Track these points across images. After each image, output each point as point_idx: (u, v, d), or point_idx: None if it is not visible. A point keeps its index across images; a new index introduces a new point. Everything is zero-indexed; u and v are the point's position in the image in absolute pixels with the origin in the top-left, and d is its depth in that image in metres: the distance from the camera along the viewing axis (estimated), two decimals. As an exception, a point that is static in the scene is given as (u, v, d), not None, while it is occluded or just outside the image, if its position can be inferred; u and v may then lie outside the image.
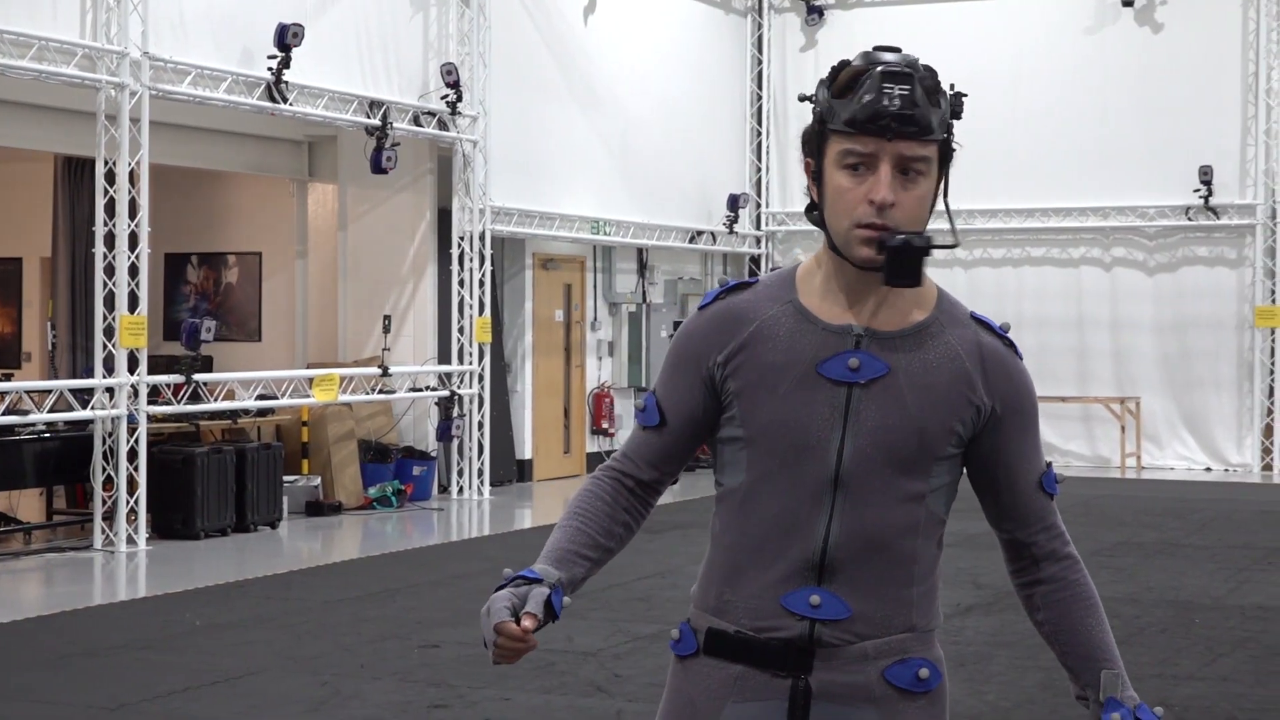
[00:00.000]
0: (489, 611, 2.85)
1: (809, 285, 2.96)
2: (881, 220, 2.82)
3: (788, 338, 2.92)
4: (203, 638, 10.09)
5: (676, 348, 3.03)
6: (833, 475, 2.88)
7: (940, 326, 2.95)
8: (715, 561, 3.00)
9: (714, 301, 3.00)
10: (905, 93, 2.82)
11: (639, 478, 3.07)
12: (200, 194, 20.05)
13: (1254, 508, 17.36)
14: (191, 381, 14.60)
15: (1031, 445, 3.05)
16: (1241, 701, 8.35)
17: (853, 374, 2.88)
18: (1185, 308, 21.97)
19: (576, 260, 21.12)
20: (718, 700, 2.95)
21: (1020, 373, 3.01)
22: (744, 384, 2.93)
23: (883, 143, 2.81)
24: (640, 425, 3.07)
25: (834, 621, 2.89)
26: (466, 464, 18.09)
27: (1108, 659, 3.05)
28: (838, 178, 2.85)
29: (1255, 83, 21.56)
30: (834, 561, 2.89)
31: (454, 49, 17.68)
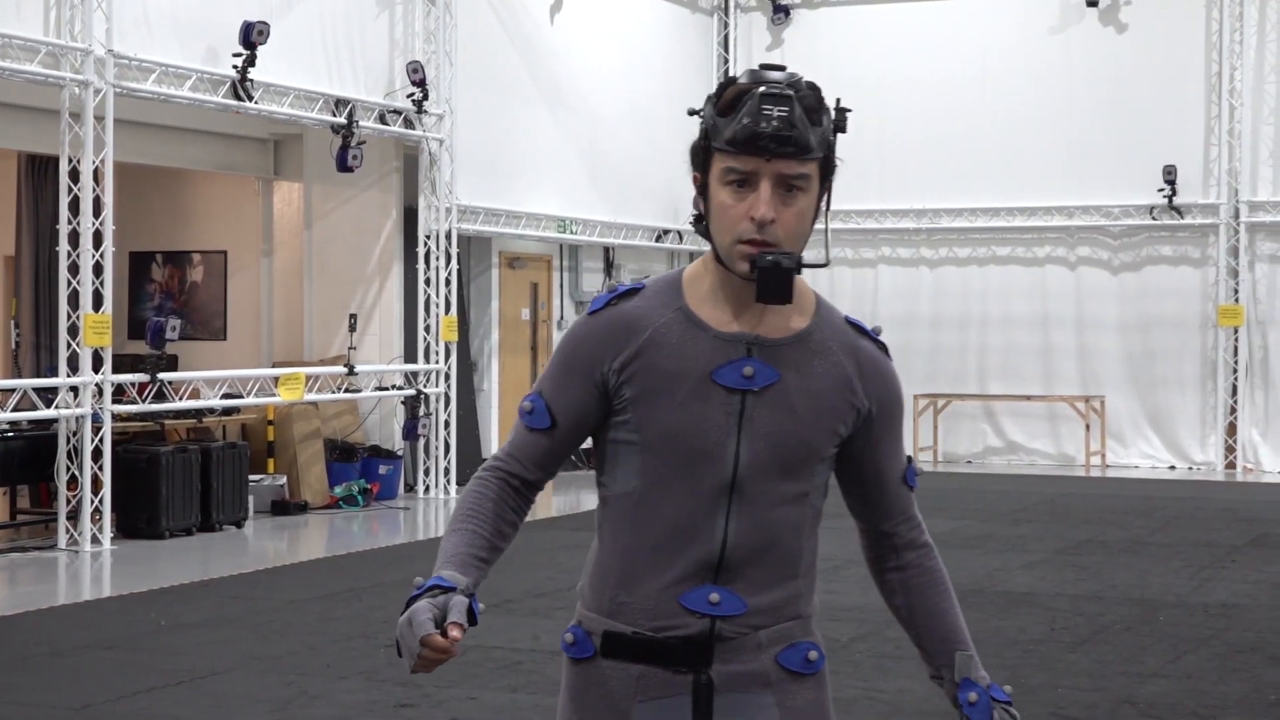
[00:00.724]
0: (411, 623, 2.86)
1: (696, 292, 3.05)
2: (762, 236, 2.92)
3: (680, 345, 3.00)
4: (168, 637, 10.06)
5: (567, 351, 3.08)
6: (729, 480, 2.99)
7: (821, 332, 3.07)
8: (607, 564, 3.07)
9: (605, 307, 3.06)
10: (784, 114, 2.91)
11: (525, 478, 3.13)
12: (165, 192, 19.98)
13: (1218, 506, 17.44)
14: (156, 380, 14.55)
15: (897, 443, 3.18)
16: (1205, 698, 8.40)
17: (747, 382, 2.99)
18: (1149, 307, 22.06)
19: (543, 259, 21.11)
20: (623, 702, 3.04)
21: (893, 375, 3.15)
22: (639, 391, 3.00)
23: (762, 162, 2.91)
24: (526, 426, 3.12)
25: (732, 617, 3.01)
26: (433, 463, 18.07)
27: (961, 641, 3.19)
28: (721, 194, 2.96)
29: (1219, 83, 21.66)
30: (731, 561, 3.00)
31: (420, 47, 17.66)
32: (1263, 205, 21.53)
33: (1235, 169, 21.61)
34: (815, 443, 3.04)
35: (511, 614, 10.71)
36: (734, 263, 2.96)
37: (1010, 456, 22.71)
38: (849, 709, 8.12)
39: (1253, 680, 8.85)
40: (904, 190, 22.91)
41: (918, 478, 3.25)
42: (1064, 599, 11.41)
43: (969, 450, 22.79)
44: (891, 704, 8.22)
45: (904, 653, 9.47)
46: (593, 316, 3.07)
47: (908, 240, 23.12)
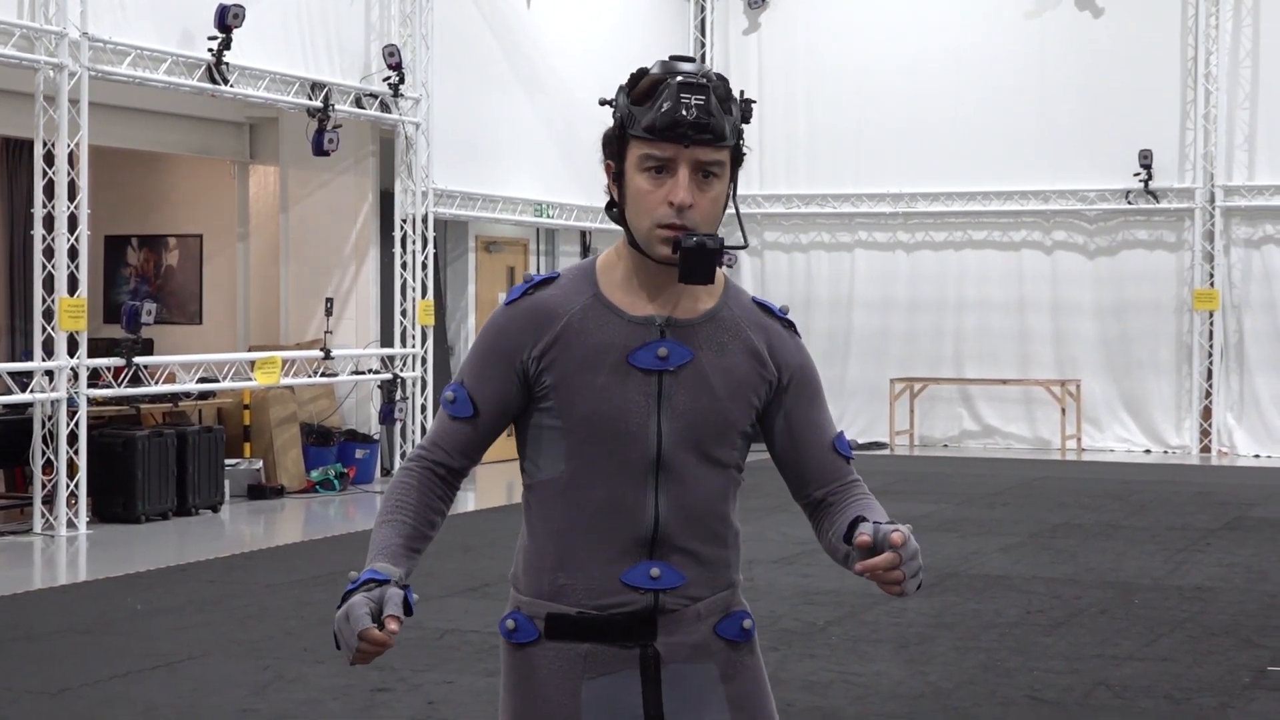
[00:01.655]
0: (349, 617, 2.93)
1: (609, 279, 3.16)
2: (680, 220, 3.02)
3: (596, 330, 3.11)
4: (144, 622, 10.04)
5: (486, 341, 3.17)
6: (654, 458, 3.10)
7: (729, 310, 3.18)
8: (541, 549, 3.15)
9: (522, 297, 3.15)
10: (701, 102, 3.00)
11: (450, 466, 3.21)
12: (140, 176, 19.93)
13: (1193, 489, 17.50)
14: (132, 364, 14.51)
15: (820, 413, 3.28)
16: (1180, 681, 8.43)
17: (662, 362, 3.10)
18: (1125, 291, 22.12)
19: (520, 243, 21.09)
20: (571, 680, 3.13)
21: (801, 349, 3.26)
22: (559, 377, 3.10)
23: (680, 148, 3.01)
24: (449, 416, 3.19)
25: (673, 589, 3.12)
26: (409, 447, 18.05)
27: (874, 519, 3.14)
28: (638, 180, 3.06)
29: (1194, 67, 21.70)
30: (665, 536, 3.11)
31: (396, 30, 17.62)
32: (1238, 190, 21.58)
33: (1211, 153, 21.65)
34: (732, 416, 3.15)
35: (488, 598, 10.71)
36: (652, 246, 3.06)
37: (986, 440, 22.76)
38: (825, 692, 8.14)
39: (1227, 663, 8.89)
40: (880, 174, 22.94)
41: (850, 447, 3.33)
42: (1040, 582, 11.45)
43: (945, 434, 22.83)
44: (867, 686, 8.24)
45: (880, 636, 9.50)
46: (510, 306, 3.16)
47: (884, 224, 23.14)
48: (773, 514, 14.16)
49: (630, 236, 3.12)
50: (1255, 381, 21.58)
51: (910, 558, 2.98)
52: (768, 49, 23.61)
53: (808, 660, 8.84)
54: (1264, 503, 16.32)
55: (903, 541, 2.96)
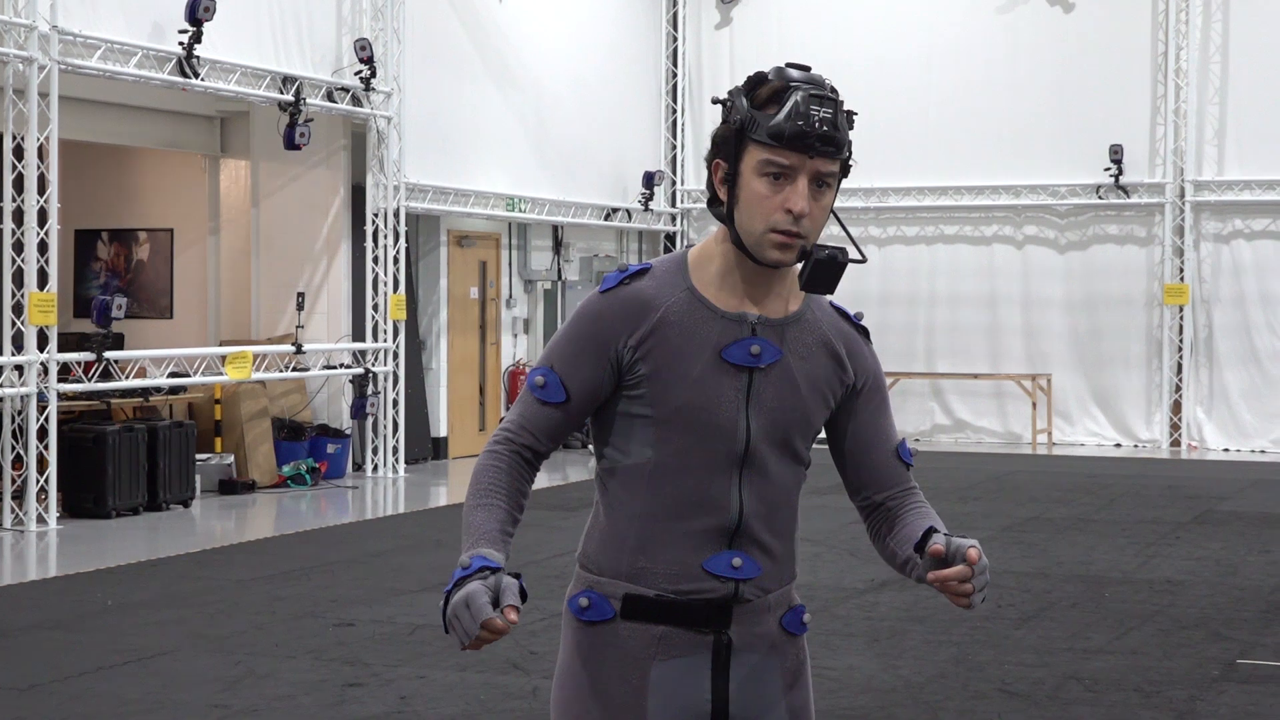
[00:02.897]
0: (469, 605, 2.95)
1: (703, 274, 3.20)
2: (796, 228, 3.09)
3: (691, 324, 3.16)
4: (115, 617, 10.02)
5: (581, 328, 3.19)
6: (742, 452, 3.17)
7: (813, 314, 3.28)
8: (621, 530, 3.20)
9: (618, 286, 3.19)
10: (829, 115, 3.09)
11: (538, 450, 3.23)
12: (111, 170, 19.85)
13: (1163, 483, 17.57)
14: (102, 359, 14.47)
15: (887, 420, 3.37)
16: (1150, 674, 8.47)
17: (754, 359, 3.17)
18: (1096, 285, 22.19)
19: (492, 237, 21.07)
20: (643, 661, 3.18)
21: (874, 356, 3.36)
22: (654, 367, 3.15)
23: (804, 158, 3.08)
24: (539, 400, 3.21)
25: (751, 580, 3.20)
26: (381, 442, 18.03)
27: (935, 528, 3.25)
28: (756, 184, 3.10)
29: (1165, 63, 21.77)
30: (746, 527, 3.19)
31: (368, 24, 17.58)
32: (1208, 185, 21.67)
33: (1181, 149, 21.74)
34: (812, 415, 3.25)
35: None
36: (763, 250, 3.12)
37: (957, 434, 22.82)
38: (797, 686, 8.14)
39: (1196, 656, 8.93)
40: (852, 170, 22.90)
41: (913, 456, 3.40)
42: (1011, 576, 11.48)
43: (917, 428, 22.88)
44: (839, 680, 8.26)
45: (852, 630, 9.51)
46: (605, 295, 3.19)
47: (856, 219, 23.17)
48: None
49: (734, 235, 3.16)
50: (1224, 376, 21.67)
51: (981, 573, 3.11)
52: (739, 44, 23.62)
53: (780, 654, 8.83)
54: (1233, 496, 16.39)
55: (978, 558, 3.08)
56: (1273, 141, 21.29)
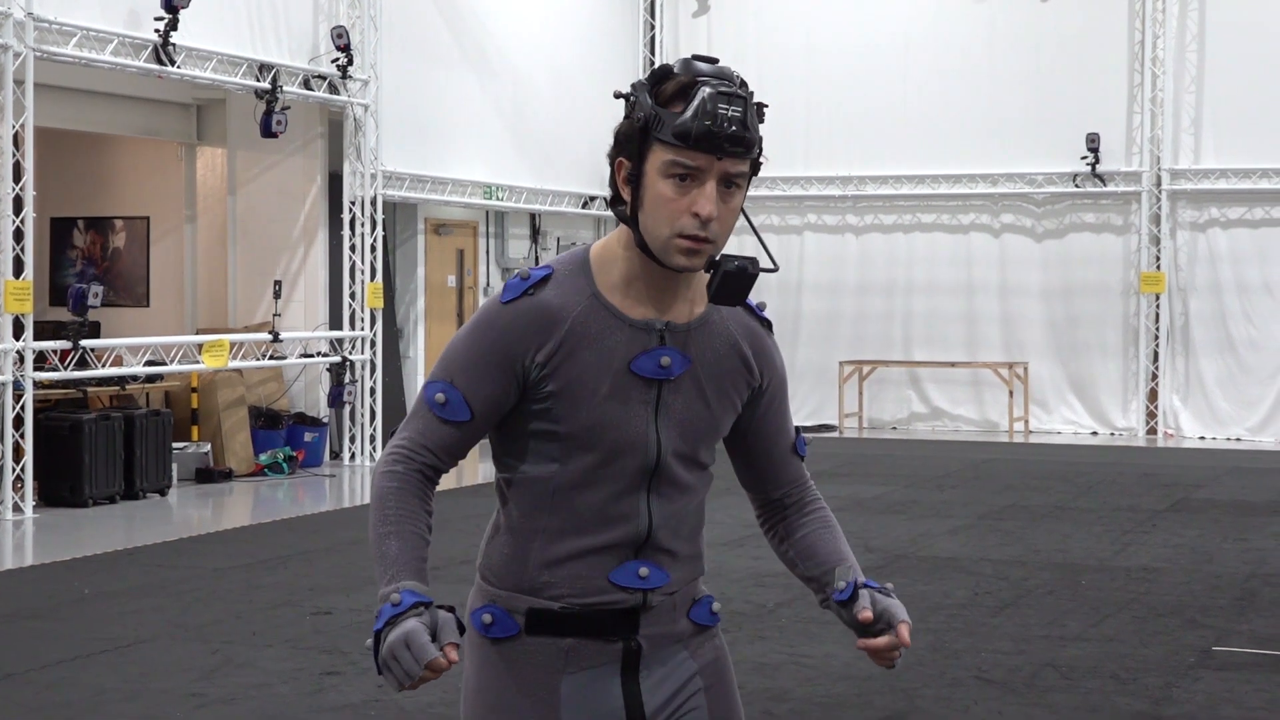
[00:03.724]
0: (408, 645, 2.86)
1: (606, 277, 3.06)
2: (704, 233, 2.94)
3: (599, 335, 3.02)
4: (91, 606, 10.00)
5: (483, 340, 3.03)
6: (653, 466, 3.08)
7: (719, 315, 3.15)
8: (522, 544, 3.09)
9: (521, 297, 3.02)
10: (738, 114, 2.92)
11: (439, 468, 3.10)
12: (87, 157, 19.79)
13: (1139, 471, 17.62)
14: (79, 347, 14.42)
15: (785, 416, 3.30)
16: (1126, 661, 8.50)
17: (664, 371, 3.06)
18: (1072, 274, 22.24)
19: (469, 225, 21.05)
20: (551, 675, 3.10)
21: (777, 351, 3.27)
22: (563, 384, 3.01)
23: (712, 159, 2.92)
24: (439, 418, 3.06)
25: (658, 588, 3.12)
26: (358, 430, 18.02)
27: (841, 559, 3.27)
28: (661, 186, 2.95)
29: (1141, 51, 21.81)
30: (655, 538, 3.11)
31: (344, 12, 17.54)
32: (1184, 173, 21.71)
33: (1158, 137, 21.78)
34: (720, 422, 3.17)
35: (437, 581, 10.66)
36: (669, 255, 2.97)
37: (935, 422, 22.85)
38: (775, 673, 8.17)
39: (1172, 643, 8.96)
40: (829, 157, 22.98)
41: (807, 446, 3.35)
42: (987, 564, 11.51)
43: (894, 416, 22.92)
44: (817, 668, 8.28)
45: (829, 618, 9.51)
46: (508, 306, 3.03)
47: (833, 207, 23.19)
48: (722, 496, 14.14)
49: (639, 238, 3.01)
50: (1200, 364, 21.73)
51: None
52: (717, 32, 23.60)
53: (757, 642, 8.87)
54: (1209, 484, 16.45)
55: (909, 640, 3.13)
56: (1249, 130, 21.34)
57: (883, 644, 3.11)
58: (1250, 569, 11.40)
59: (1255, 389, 21.47)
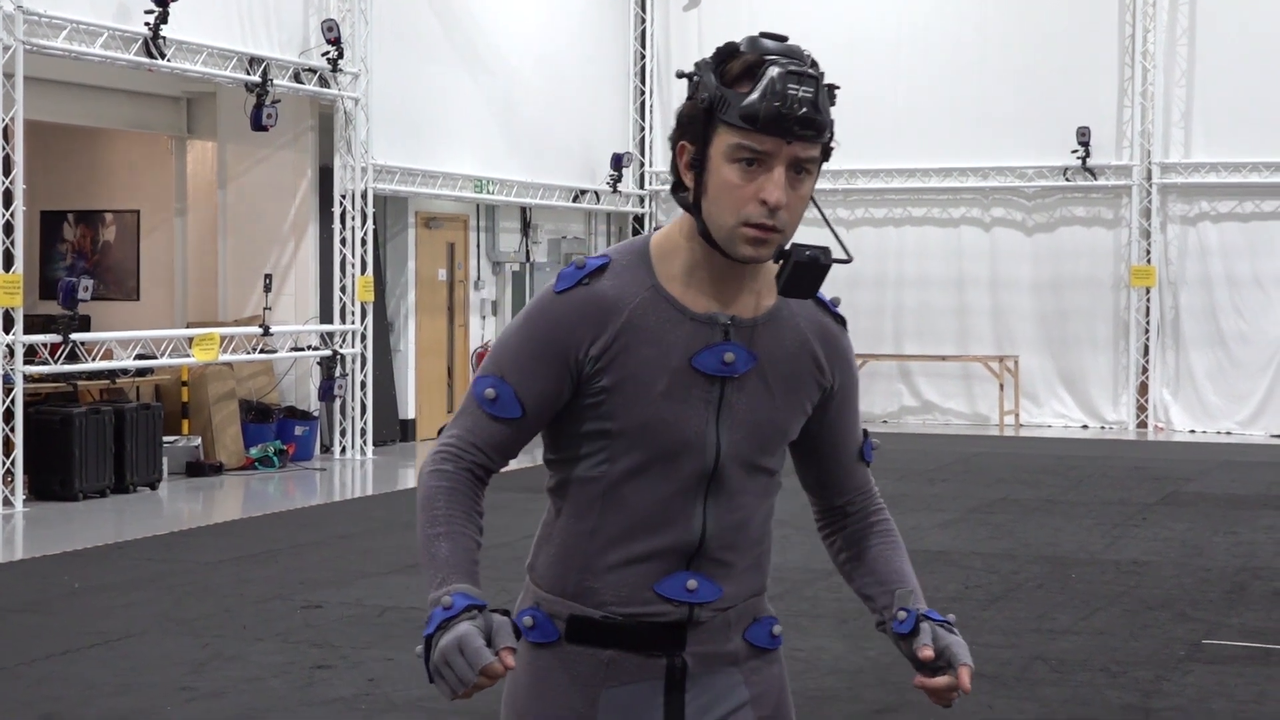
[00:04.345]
0: (462, 649, 2.65)
1: (667, 268, 2.88)
2: (772, 221, 2.77)
3: (658, 329, 2.85)
4: (82, 600, 9.99)
5: (536, 333, 2.86)
6: (710, 469, 2.89)
7: (788, 309, 2.95)
8: (569, 546, 2.93)
9: (576, 286, 2.85)
10: (809, 95, 2.75)
11: (489, 468, 2.92)
12: (77, 151, 19.75)
13: (1129, 464, 17.64)
14: (69, 341, 14.40)
15: (855, 418, 3.11)
16: (1116, 654, 8.51)
17: (727, 368, 2.87)
18: (1063, 267, 22.26)
19: (460, 219, 21.03)
20: (590, 688, 2.93)
21: (850, 350, 3.07)
22: (619, 379, 2.84)
23: (781, 143, 2.74)
24: (489, 415, 2.88)
25: (708, 603, 2.92)
26: (349, 424, 18.01)
27: (902, 581, 3.09)
28: (726, 171, 2.77)
29: (1132, 45, 21.82)
30: (708, 548, 2.91)
31: (335, 5, 17.51)
32: (1175, 167, 21.74)
33: (1148, 131, 21.80)
34: (788, 424, 2.97)
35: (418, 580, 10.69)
36: (735, 245, 2.79)
37: (925, 416, 22.87)
38: (765, 667, 8.16)
39: (1162, 636, 8.98)
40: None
41: (874, 451, 3.18)
42: (978, 557, 11.52)
43: (885, 410, 22.92)
44: (808, 661, 8.28)
45: (820, 611, 9.54)
46: (562, 296, 2.86)
47: (824, 201, 23.17)
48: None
49: (701, 226, 2.82)
50: (1190, 357, 21.76)
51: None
52: (709, 25, 23.57)
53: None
54: (1199, 477, 16.47)
55: (969, 686, 2.94)
56: (1239, 124, 21.36)
57: (941, 684, 2.95)
58: (1240, 562, 11.42)
59: (1245, 383, 21.50)
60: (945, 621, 3.03)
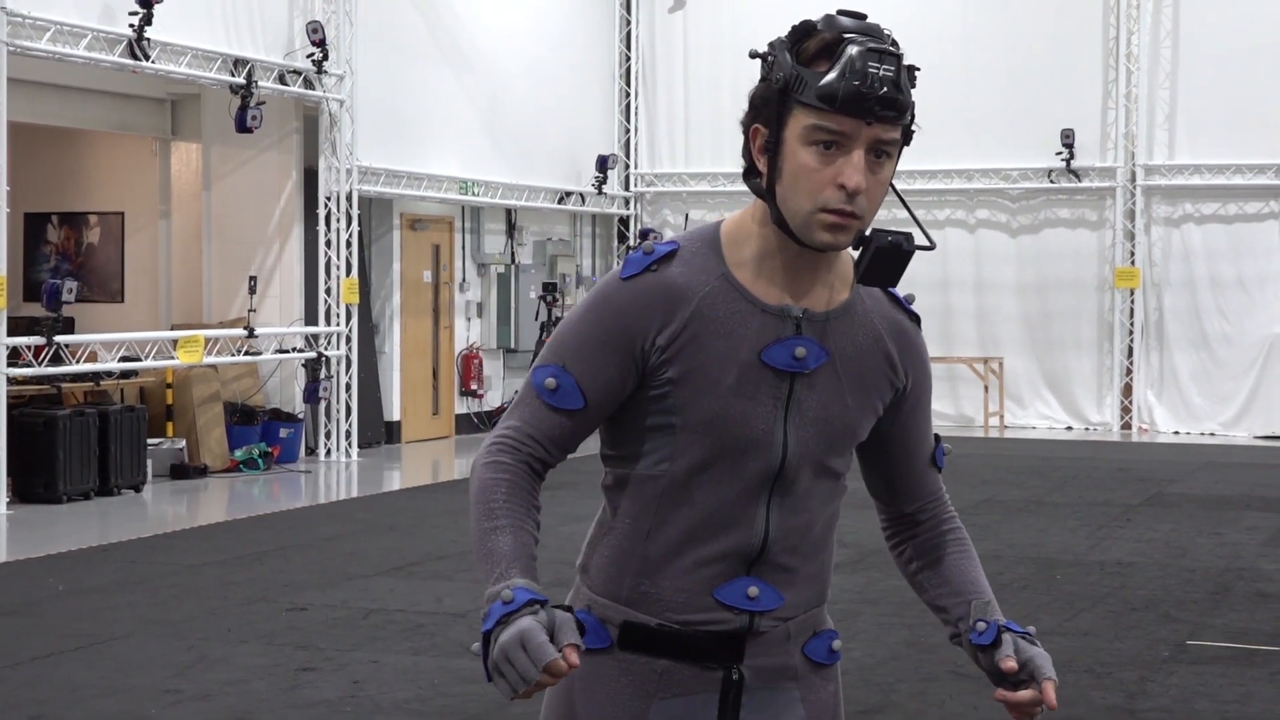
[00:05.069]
0: (524, 645, 2.50)
1: (738, 256, 2.76)
2: (850, 207, 2.65)
3: (728, 320, 2.72)
4: (66, 602, 9.97)
5: (601, 320, 2.73)
6: (776, 469, 2.76)
7: (863, 304, 2.84)
8: (625, 548, 2.79)
9: (643, 273, 2.73)
10: (890, 74, 2.66)
11: (548, 462, 2.78)
12: (60, 153, 19.72)
13: (1113, 466, 17.67)
14: (53, 343, 14.38)
15: (927, 421, 2.99)
16: (1101, 655, 8.53)
17: (798, 363, 2.74)
18: (1047, 269, 22.30)
19: (445, 221, 21.03)
20: (641, 699, 2.80)
21: (925, 351, 2.96)
22: (685, 370, 2.71)
23: (861, 125, 2.64)
24: (549, 406, 2.74)
25: (769, 612, 2.80)
26: (334, 426, 17.99)
27: (979, 592, 3.00)
28: (803, 155, 2.65)
29: (1116, 47, 21.87)
30: (770, 552, 2.79)
31: (320, 7, 17.50)
32: (1159, 169, 21.78)
33: (1132, 133, 21.84)
34: (858, 424, 2.85)
35: (414, 577, 10.70)
36: (811, 231, 2.67)
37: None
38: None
39: (1146, 637, 9.00)
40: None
41: (945, 457, 3.06)
42: (962, 558, 11.51)
43: (869, 411, 22.91)
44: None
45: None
46: (629, 282, 2.73)
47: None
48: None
49: (776, 213, 2.70)
50: (1175, 359, 21.81)
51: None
52: (694, 27, 23.60)
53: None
54: (1183, 479, 16.50)
55: (1054, 702, 2.86)
56: (1223, 125, 21.42)
57: (1025, 699, 2.85)
58: (1224, 563, 11.44)
59: (1229, 384, 21.55)
60: (1026, 633, 2.95)
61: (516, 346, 21.44)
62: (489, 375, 21.39)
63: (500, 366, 21.79)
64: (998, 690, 2.90)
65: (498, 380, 21.67)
